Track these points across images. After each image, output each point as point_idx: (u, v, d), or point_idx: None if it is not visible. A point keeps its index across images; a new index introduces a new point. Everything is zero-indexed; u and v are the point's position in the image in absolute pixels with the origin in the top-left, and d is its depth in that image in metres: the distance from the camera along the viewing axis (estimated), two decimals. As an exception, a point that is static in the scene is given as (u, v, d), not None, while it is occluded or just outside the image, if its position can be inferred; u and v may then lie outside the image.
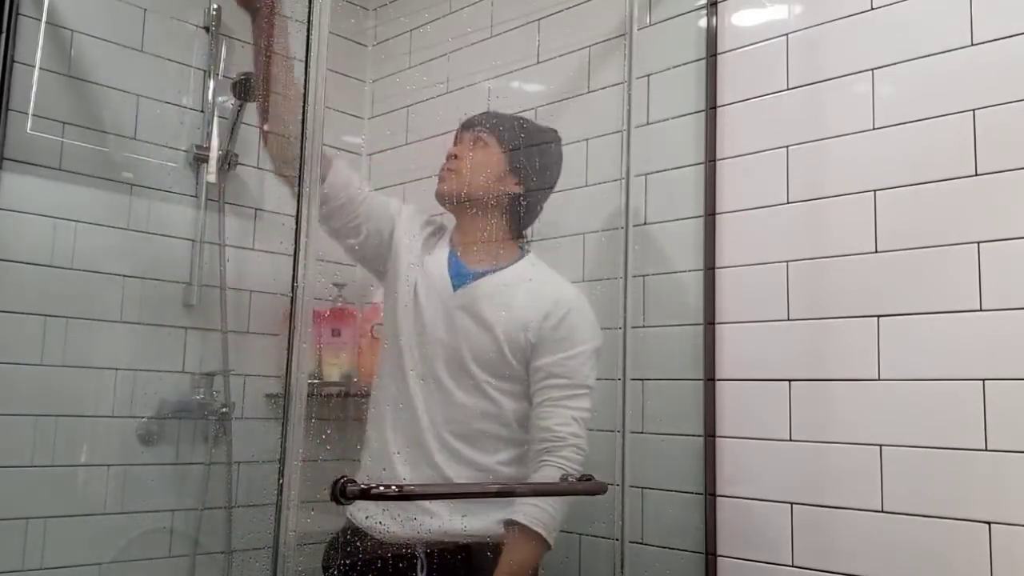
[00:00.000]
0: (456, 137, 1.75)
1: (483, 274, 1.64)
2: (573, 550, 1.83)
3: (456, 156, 1.70)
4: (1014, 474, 1.35)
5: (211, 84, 2.14)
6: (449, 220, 1.75)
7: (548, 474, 1.53)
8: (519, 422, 1.60)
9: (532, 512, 1.52)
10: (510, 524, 1.53)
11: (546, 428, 1.56)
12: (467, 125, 1.74)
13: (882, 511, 1.47)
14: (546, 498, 1.53)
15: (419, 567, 1.55)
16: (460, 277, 1.65)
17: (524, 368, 1.60)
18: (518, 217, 1.71)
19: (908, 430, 1.46)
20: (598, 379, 1.62)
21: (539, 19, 2.10)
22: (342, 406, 2.08)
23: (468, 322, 1.60)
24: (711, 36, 1.78)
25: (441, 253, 1.69)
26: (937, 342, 1.45)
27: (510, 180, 1.69)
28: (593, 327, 1.63)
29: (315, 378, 2.13)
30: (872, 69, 1.56)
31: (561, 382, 1.57)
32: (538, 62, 2.09)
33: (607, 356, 1.63)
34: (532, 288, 1.65)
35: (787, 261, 1.63)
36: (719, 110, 1.76)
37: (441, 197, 1.70)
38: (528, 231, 1.76)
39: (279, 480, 1.15)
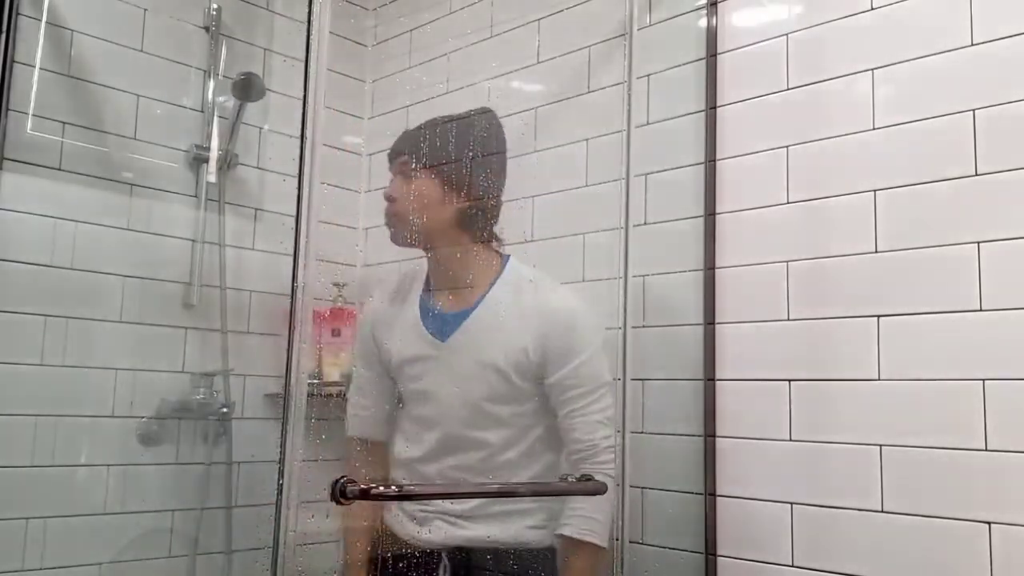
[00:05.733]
0: (391, 173, 1.69)
1: (466, 314, 1.60)
2: (573, 550, 1.83)
3: (392, 198, 1.64)
4: (1014, 474, 1.35)
5: (211, 84, 2.14)
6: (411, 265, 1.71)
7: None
8: (545, 436, 1.60)
9: (581, 524, 1.53)
10: (562, 538, 1.54)
11: (576, 439, 1.55)
12: (391, 158, 1.68)
13: (882, 511, 1.47)
14: (591, 504, 1.52)
15: (442, 570, 1.56)
16: (443, 325, 1.60)
17: (538, 384, 1.57)
18: (483, 222, 1.65)
19: (908, 430, 1.46)
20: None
21: (539, 19, 2.10)
22: (342, 406, 2.08)
23: (470, 367, 1.57)
24: (711, 36, 1.78)
25: (411, 308, 1.65)
26: (937, 342, 1.44)
27: (455, 196, 1.61)
28: (592, 326, 1.60)
29: (315, 378, 2.13)
30: (872, 69, 1.56)
31: (579, 391, 1.55)
32: (538, 62, 2.09)
33: (607, 356, 1.63)
34: (520, 306, 1.59)
35: (787, 261, 1.63)
36: (719, 110, 1.76)
37: (395, 242, 1.65)
38: (499, 228, 1.69)
39: (279, 480, 1.15)
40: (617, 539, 1.59)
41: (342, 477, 1.22)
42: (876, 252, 1.53)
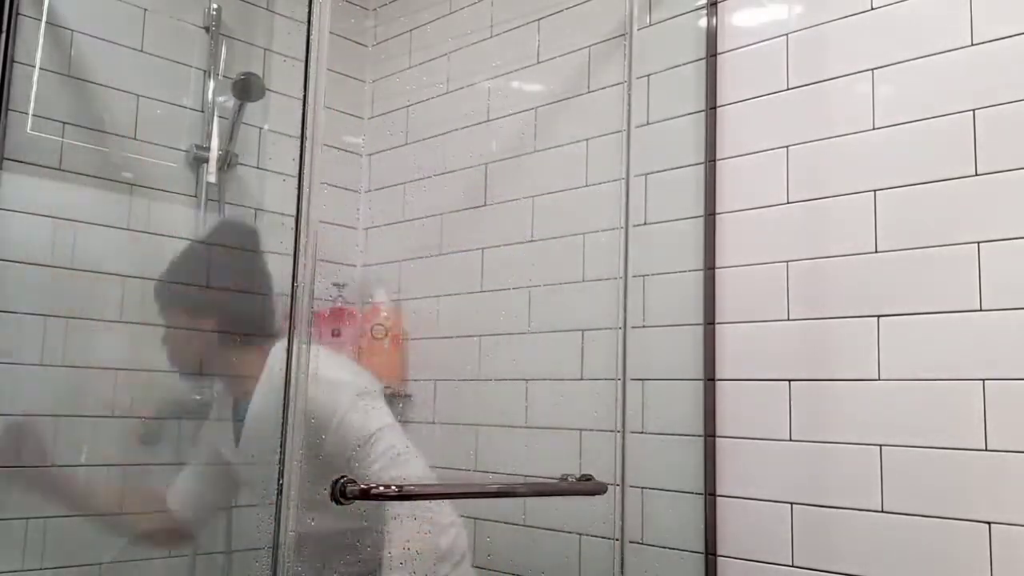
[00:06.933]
0: None
1: (242, 416, 1.68)
2: (573, 550, 1.83)
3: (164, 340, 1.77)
4: (1014, 474, 1.35)
5: (211, 84, 2.14)
6: None
7: None
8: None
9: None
10: None
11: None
12: None
13: (882, 511, 1.47)
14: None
15: None
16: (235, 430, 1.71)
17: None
18: (248, 326, 1.74)
19: (908, 430, 1.46)
20: (596, 379, 1.58)
21: (539, 19, 2.10)
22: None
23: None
24: (711, 36, 1.78)
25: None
26: (937, 342, 1.44)
27: (206, 320, 1.72)
28: (334, 388, 1.54)
29: (315, 378, 2.12)
30: (872, 69, 1.56)
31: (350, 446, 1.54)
32: (538, 62, 2.09)
33: (607, 356, 1.63)
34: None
35: (787, 261, 1.63)
36: (719, 110, 1.76)
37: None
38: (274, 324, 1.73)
39: (279, 480, 1.15)
40: (617, 539, 1.59)
41: (342, 477, 1.22)
42: (876, 252, 1.53)
